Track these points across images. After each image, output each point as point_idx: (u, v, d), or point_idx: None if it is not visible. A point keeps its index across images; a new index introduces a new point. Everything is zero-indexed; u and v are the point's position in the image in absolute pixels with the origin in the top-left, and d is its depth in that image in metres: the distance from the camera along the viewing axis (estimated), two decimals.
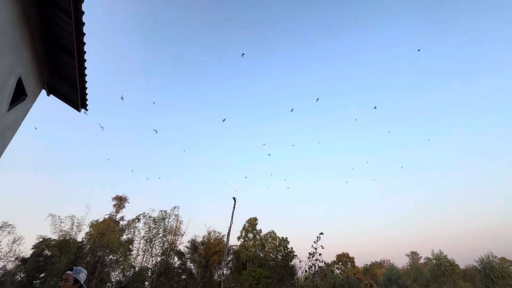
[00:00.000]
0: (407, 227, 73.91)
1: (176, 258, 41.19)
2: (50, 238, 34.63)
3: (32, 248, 33.52)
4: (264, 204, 74.27)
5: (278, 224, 78.25)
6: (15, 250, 34.52)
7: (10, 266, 32.53)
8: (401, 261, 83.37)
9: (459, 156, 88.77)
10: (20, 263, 32.76)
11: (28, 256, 33.02)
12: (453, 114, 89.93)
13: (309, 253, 3.58)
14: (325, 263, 3.78)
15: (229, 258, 42.58)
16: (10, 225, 34.26)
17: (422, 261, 48.65)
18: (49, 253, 33.39)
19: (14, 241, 34.15)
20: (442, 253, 39.24)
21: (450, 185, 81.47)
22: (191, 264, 42.00)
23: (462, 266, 38.81)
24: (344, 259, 53.19)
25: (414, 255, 50.02)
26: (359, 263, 54.91)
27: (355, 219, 78.07)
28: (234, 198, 29.14)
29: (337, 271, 47.71)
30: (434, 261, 39.77)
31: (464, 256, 67.74)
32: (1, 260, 32.07)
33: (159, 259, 39.25)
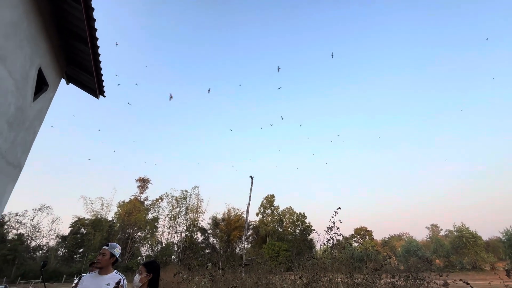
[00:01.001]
0: (428, 200, 72.71)
1: (199, 234, 43.75)
2: (84, 217, 37.75)
3: (70, 227, 36.88)
4: (281, 181, 75.38)
5: (295, 201, 79.64)
6: (55, 229, 38.27)
7: (52, 243, 36.13)
8: (420, 234, 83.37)
9: (487, 126, 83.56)
10: (60, 240, 36.29)
11: (67, 234, 36.45)
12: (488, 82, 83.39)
13: (327, 227, 3.66)
14: (343, 236, 3.85)
15: (249, 233, 44.47)
16: (48, 207, 37.65)
17: (442, 233, 48.31)
18: (84, 231, 36.63)
19: (53, 221, 37.74)
20: (464, 225, 38.66)
21: (475, 157, 77.62)
22: (213, 239, 44.50)
23: (485, 238, 38.16)
24: (362, 232, 53.90)
25: (434, 228, 49.68)
26: (378, 236, 55.53)
27: (373, 193, 77.66)
28: (251, 177, 29.77)
29: (355, 244, 48.65)
30: (455, 233, 39.37)
31: (489, 229, 66.17)
32: (44, 238, 35.68)
33: (183, 235, 41.90)
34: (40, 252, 34.90)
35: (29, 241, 33.84)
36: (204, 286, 2.25)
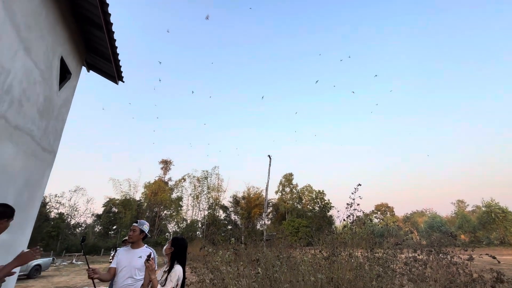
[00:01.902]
0: (453, 175, 69.76)
1: (221, 211, 45.74)
2: (114, 198, 40.58)
3: (103, 206, 39.96)
4: (300, 160, 75.32)
5: (314, 178, 79.67)
6: (90, 208, 41.87)
7: (89, 221, 39.54)
8: (445, 210, 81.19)
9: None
10: (95, 218, 39.61)
11: (101, 212, 39.64)
12: None
13: (347, 204, 3.67)
14: (363, 212, 3.85)
15: (268, 210, 45.70)
16: (82, 188, 40.85)
17: (469, 209, 46.74)
18: (116, 210, 39.58)
19: (88, 201, 41.14)
20: (494, 200, 37.04)
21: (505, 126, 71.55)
22: (235, 216, 46.38)
23: None
24: (383, 208, 53.46)
25: (460, 203, 48.01)
26: (399, 212, 54.86)
27: (394, 167, 75.57)
28: (269, 156, 30.01)
29: (376, 220, 48.57)
30: (483, 209, 37.95)
31: None
32: (81, 216, 39.11)
33: (206, 212, 44.05)
34: (79, 229, 38.37)
35: (69, 219, 37.21)
36: (228, 259, 2.41)
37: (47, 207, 34.75)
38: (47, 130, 4.48)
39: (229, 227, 43.55)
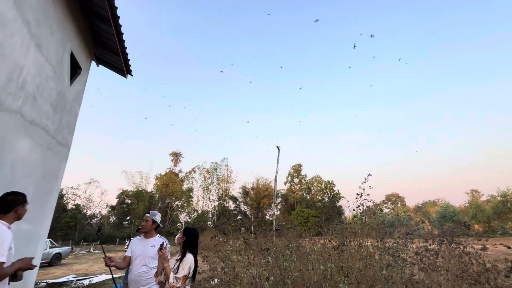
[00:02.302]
0: (468, 164, 67.90)
1: (231, 202, 46.44)
2: (127, 189, 41.77)
3: (116, 198, 41.25)
4: (309, 151, 74.93)
5: (324, 169, 79.24)
6: (104, 200, 43.41)
7: (104, 212, 40.97)
8: (458, 200, 79.59)
9: None
10: (110, 209, 41.00)
11: (115, 204, 40.98)
12: None
13: (357, 194, 3.64)
14: (373, 202, 3.82)
15: (277, 201, 46.03)
16: (96, 181, 42.21)
17: (483, 198, 45.64)
18: (129, 201, 40.81)
19: (102, 193, 42.60)
20: (510, 189, 35.98)
21: None
22: (244, 207, 47.02)
23: None
24: (393, 198, 52.96)
25: (474, 193, 46.93)
26: (410, 202, 54.27)
27: (406, 157, 74.12)
28: (277, 147, 29.99)
29: (386, 210, 48.21)
30: (499, 198, 36.98)
31: None
32: (97, 207, 40.57)
33: (216, 203, 44.81)
34: (95, 219, 39.87)
35: (85, 210, 38.66)
36: (238, 248, 2.46)
37: (64, 198, 36.12)
38: (61, 124, 4.60)
39: (239, 217, 44.22)
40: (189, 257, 2.50)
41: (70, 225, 33.45)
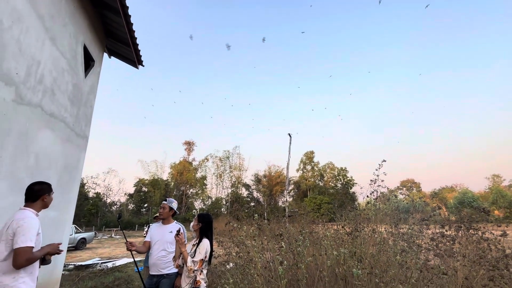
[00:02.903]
0: (489, 148, 64.98)
1: (243, 189, 47.21)
2: (143, 178, 43.23)
3: (133, 186, 42.87)
4: (322, 137, 74.05)
5: (337, 155, 78.28)
6: (122, 188, 45.29)
7: (122, 199, 42.80)
8: (477, 186, 76.90)
9: None
10: (128, 197, 42.76)
11: (132, 192, 42.65)
12: None
13: (371, 180, 3.59)
14: (387, 188, 3.77)
15: (290, 188, 46.27)
16: (114, 170, 44.04)
17: (505, 183, 43.85)
18: (146, 189, 42.33)
19: (120, 182, 44.45)
20: None
21: None
22: (257, 194, 47.71)
23: None
24: (408, 184, 51.96)
25: (495, 178, 45.10)
26: (426, 188, 53.06)
27: (422, 141, 71.81)
28: (289, 134, 29.85)
29: (401, 196, 47.49)
30: None
31: None
32: (116, 195, 42.42)
33: (229, 190, 45.68)
34: (115, 207, 41.78)
35: (105, 198, 40.51)
36: (252, 234, 2.53)
37: (85, 187, 37.89)
38: (78, 117, 4.76)
39: (252, 204, 44.98)
40: (205, 242, 2.60)
41: (92, 212, 35.30)
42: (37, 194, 2.08)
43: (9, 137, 3.01)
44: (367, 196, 3.90)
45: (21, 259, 1.78)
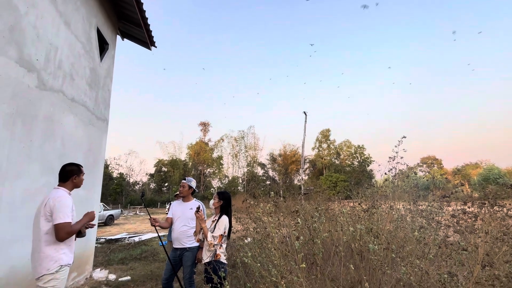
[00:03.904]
0: None
1: (259, 168, 47.95)
2: (163, 159, 44.87)
3: (154, 166, 44.75)
4: (339, 114, 72.12)
5: (354, 133, 76.42)
6: (143, 169, 47.44)
7: (144, 179, 44.95)
8: (505, 162, 72.86)
9: None
10: (149, 177, 44.85)
11: (153, 172, 44.60)
12: None
13: (389, 157, 3.50)
14: (407, 165, 3.67)
15: (305, 166, 46.33)
16: (135, 151, 45.92)
17: None
18: (165, 169, 44.09)
19: (141, 162, 46.56)
20: None
21: None
22: (272, 172, 48.32)
23: None
24: (429, 161, 50.29)
25: None
26: (449, 165, 51.19)
27: (445, 117, 68.17)
28: (304, 112, 29.27)
29: (421, 173, 46.26)
30: None
31: None
32: (137, 175, 44.60)
33: (245, 169, 46.57)
34: (138, 186, 44.05)
35: (128, 178, 42.71)
36: (268, 210, 2.60)
37: (109, 168, 39.99)
38: (98, 100, 4.90)
39: (268, 182, 45.75)
40: (224, 218, 2.71)
41: (117, 191, 37.54)
42: (68, 175, 2.23)
43: (37, 123, 3.17)
44: (385, 174, 3.83)
45: (62, 233, 1.97)
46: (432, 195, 3.65)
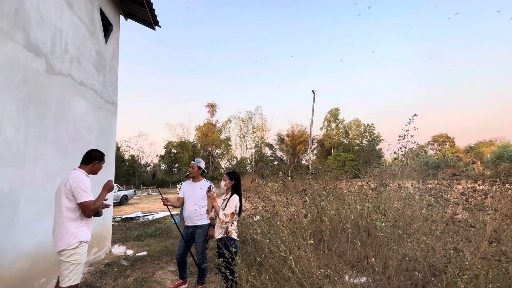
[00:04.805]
0: None
1: (267, 149, 48.20)
2: (172, 140, 45.57)
3: (164, 148, 45.61)
4: (348, 93, 70.32)
5: (364, 112, 74.84)
6: (154, 150, 48.48)
7: (155, 161, 46.06)
8: None
9: None
10: (160, 158, 45.88)
11: (163, 153, 45.55)
12: None
13: (399, 136, 3.44)
14: (417, 144, 3.61)
15: (313, 146, 46.17)
16: (144, 134, 46.74)
17: None
18: (175, 151, 44.92)
19: (151, 144, 47.48)
20: None
21: None
22: (280, 153, 48.53)
23: None
24: (441, 139, 49.15)
25: None
26: (461, 143, 49.93)
27: (459, 93, 65.50)
28: (313, 91, 28.63)
29: (431, 152, 45.47)
30: None
31: None
32: (148, 157, 45.70)
33: (253, 150, 46.93)
34: (149, 167, 45.27)
35: (139, 160, 43.84)
36: (277, 189, 2.66)
37: (121, 150, 40.99)
38: (105, 84, 4.92)
39: (276, 162, 46.09)
40: (235, 197, 2.80)
41: (129, 173, 38.73)
42: (91, 159, 2.35)
43: (49, 107, 3.24)
44: (395, 152, 3.79)
45: (87, 210, 2.13)
46: (442, 174, 3.61)
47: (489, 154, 39.32)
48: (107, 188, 2.39)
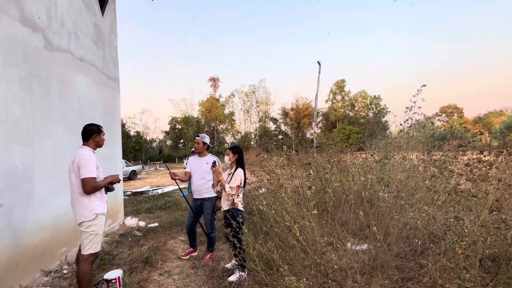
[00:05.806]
0: None
1: (271, 123, 47.93)
2: (176, 116, 45.53)
3: (168, 124, 45.79)
4: (355, 63, 67.75)
5: (371, 82, 72.66)
6: (158, 126, 48.81)
7: (160, 137, 46.51)
8: None
9: None
10: (165, 134, 46.28)
11: (168, 129, 45.85)
12: None
13: (406, 107, 3.37)
14: (424, 115, 3.54)
15: (318, 119, 45.74)
16: (148, 110, 46.73)
17: None
18: (179, 127, 45.11)
19: (155, 120, 47.63)
20: None
21: None
22: (285, 127, 48.33)
23: None
24: (449, 110, 48.07)
25: None
26: (471, 114, 48.79)
27: (471, 60, 62.58)
28: (318, 62, 27.62)
29: (439, 123, 44.73)
30: None
31: None
32: (153, 133, 46.11)
33: (257, 125, 46.77)
34: (155, 143, 45.89)
35: (145, 136, 44.34)
36: (281, 163, 2.71)
37: (126, 127, 41.34)
38: (106, 59, 4.82)
39: (280, 137, 46.13)
40: (240, 171, 2.87)
41: (136, 149, 39.42)
42: (88, 134, 2.37)
43: (52, 85, 3.22)
44: (401, 124, 3.74)
45: (87, 186, 2.18)
46: (448, 145, 3.58)
47: (498, 124, 38.48)
48: (112, 178, 2.44)
